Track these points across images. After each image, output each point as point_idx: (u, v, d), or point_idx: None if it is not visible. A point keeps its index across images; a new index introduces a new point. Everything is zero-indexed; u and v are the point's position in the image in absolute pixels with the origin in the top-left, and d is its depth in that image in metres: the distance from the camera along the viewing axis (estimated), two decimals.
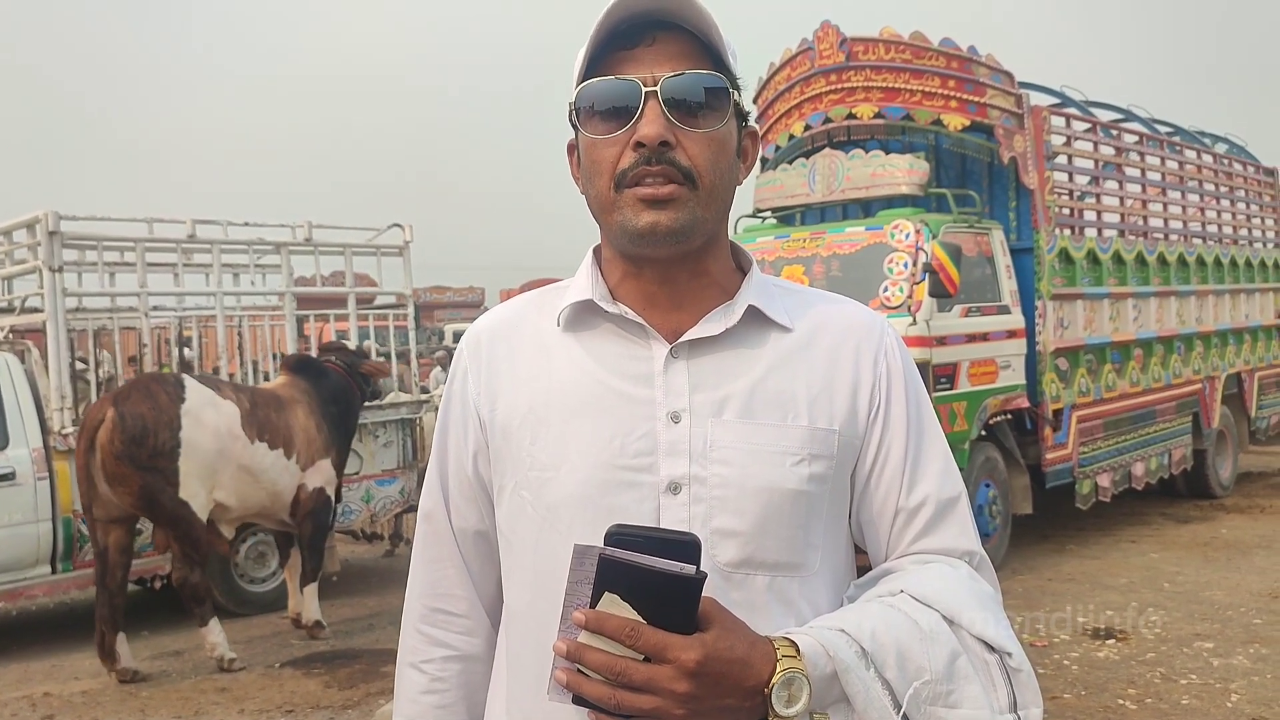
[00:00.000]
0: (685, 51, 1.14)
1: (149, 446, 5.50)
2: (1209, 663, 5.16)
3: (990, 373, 7.07)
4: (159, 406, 5.59)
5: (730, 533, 1.14)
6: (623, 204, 1.14)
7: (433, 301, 29.55)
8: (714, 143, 1.15)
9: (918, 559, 1.21)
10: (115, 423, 5.48)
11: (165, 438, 5.55)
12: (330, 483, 6.43)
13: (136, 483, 5.49)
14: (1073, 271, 7.82)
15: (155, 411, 5.56)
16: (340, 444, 6.58)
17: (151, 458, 5.51)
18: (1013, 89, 7.42)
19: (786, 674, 1.01)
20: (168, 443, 5.55)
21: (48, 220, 6.38)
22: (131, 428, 5.48)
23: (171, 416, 5.60)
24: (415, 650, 1.33)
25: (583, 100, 1.16)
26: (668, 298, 1.20)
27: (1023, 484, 7.48)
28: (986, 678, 1.10)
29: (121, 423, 5.48)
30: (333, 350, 7.07)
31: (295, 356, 6.87)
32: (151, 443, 5.51)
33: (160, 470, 5.53)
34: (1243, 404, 10.15)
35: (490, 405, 1.24)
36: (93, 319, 8.32)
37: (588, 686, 1.00)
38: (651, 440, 1.16)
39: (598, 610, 0.99)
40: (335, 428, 6.48)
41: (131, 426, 5.49)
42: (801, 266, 7.14)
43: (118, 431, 5.46)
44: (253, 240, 7.77)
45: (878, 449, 1.22)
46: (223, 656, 5.70)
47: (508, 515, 1.23)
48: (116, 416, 5.49)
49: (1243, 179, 10.50)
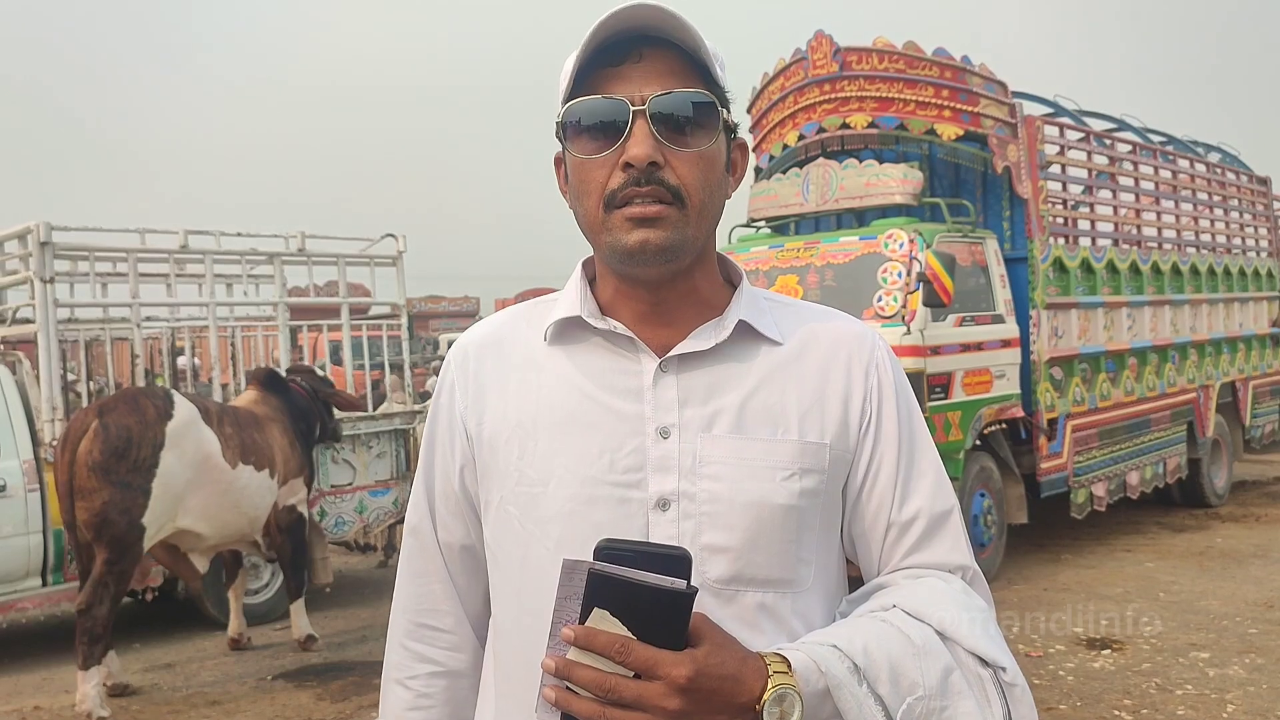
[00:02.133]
0: (673, 68, 1.13)
1: (129, 460, 5.28)
2: (1205, 673, 5.14)
3: (985, 382, 7.07)
4: (145, 420, 5.39)
5: (720, 549, 1.13)
6: (612, 224, 1.13)
7: (427, 311, 29.59)
8: (703, 161, 1.14)
9: (910, 574, 1.20)
10: (98, 432, 5.26)
11: (146, 454, 5.33)
12: (302, 501, 6.38)
13: (101, 499, 5.20)
14: (1067, 281, 7.83)
15: (141, 425, 5.36)
16: (310, 461, 6.53)
17: (128, 472, 5.27)
18: (1006, 99, 7.44)
19: (778, 690, 1.00)
20: (147, 460, 5.33)
21: (39, 231, 6.36)
22: (115, 439, 5.27)
23: (157, 432, 5.40)
24: (400, 666, 1.31)
25: (570, 118, 1.15)
26: (658, 314, 1.19)
27: (1018, 493, 7.47)
28: (980, 693, 1.09)
29: (104, 433, 5.27)
30: (299, 372, 6.96)
31: (264, 371, 6.74)
32: (133, 456, 5.29)
33: (132, 487, 5.27)
34: (1237, 413, 10.17)
35: (477, 419, 1.23)
36: (85, 330, 8.30)
37: (577, 704, 0.98)
38: (640, 455, 1.14)
39: (587, 626, 0.97)
40: (305, 445, 6.43)
41: (115, 438, 5.27)
42: (796, 276, 7.14)
43: (99, 441, 5.24)
44: (246, 251, 7.75)
45: (869, 463, 1.21)
46: (90, 713, 4.99)
47: (495, 530, 1.22)
48: (100, 427, 5.29)
49: (1236, 188, 10.53)
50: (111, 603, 5.21)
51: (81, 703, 5.05)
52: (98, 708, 5.04)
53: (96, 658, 5.12)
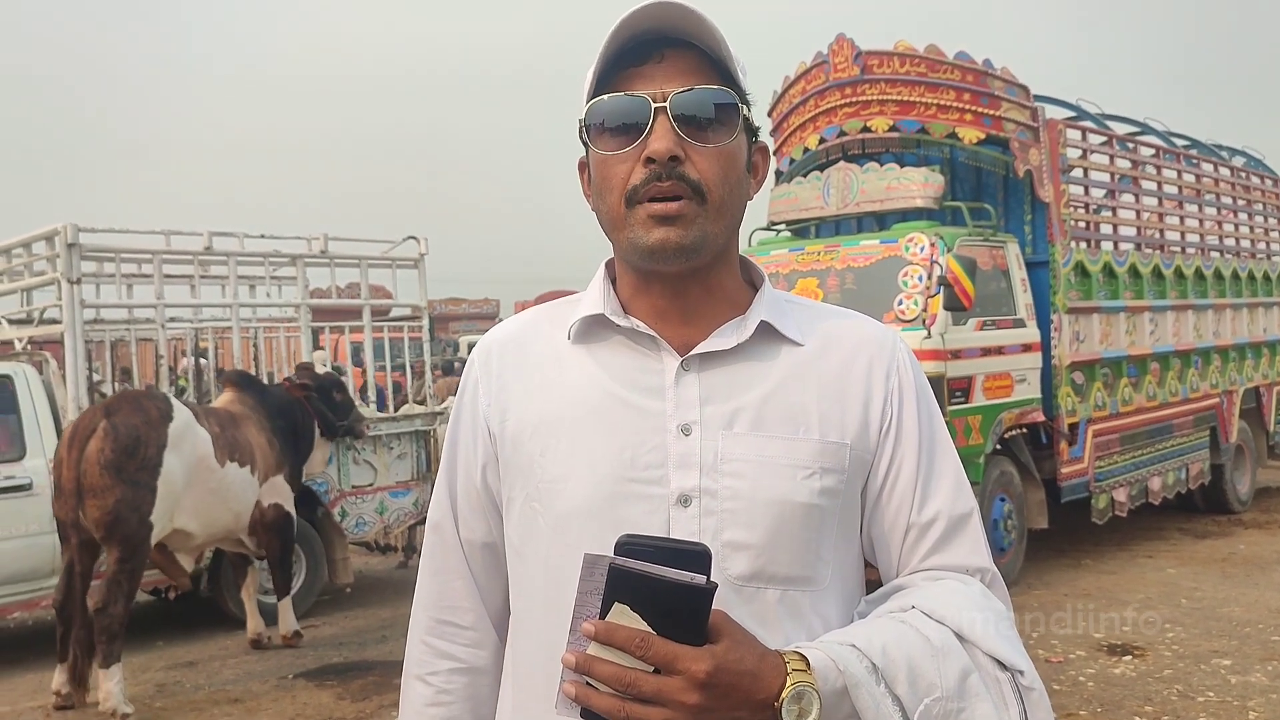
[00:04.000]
0: (694, 68, 1.15)
1: (138, 459, 5.34)
2: (1227, 680, 5.11)
3: (1005, 386, 7.04)
4: (150, 420, 5.47)
5: (741, 546, 1.14)
6: (633, 220, 1.14)
7: (448, 313, 29.69)
8: (723, 157, 1.15)
9: (929, 575, 1.20)
10: (108, 431, 5.32)
11: (153, 453, 5.41)
12: (287, 499, 6.39)
13: (114, 496, 5.26)
14: (1088, 285, 7.79)
15: (147, 425, 5.43)
16: (292, 460, 6.49)
17: (138, 471, 5.33)
18: (1028, 102, 7.41)
19: (797, 688, 1.01)
20: (154, 459, 5.40)
21: (66, 232, 6.43)
22: (125, 438, 5.33)
23: (161, 433, 5.48)
24: (421, 662, 1.32)
25: (593, 117, 1.17)
26: (679, 312, 1.20)
27: (1038, 498, 7.44)
28: (998, 695, 1.09)
29: (114, 432, 5.32)
30: (302, 371, 7.01)
31: (236, 372, 6.78)
32: (141, 455, 5.36)
33: (141, 485, 5.34)
34: (1261, 418, 10.08)
35: (500, 417, 1.24)
36: (110, 330, 8.38)
37: (596, 699, 0.99)
38: (662, 452, 1.15)
39: (607, 621, 0.98)
40: (285, 442, 6.43)
41: (125, 437, 5.33)
42: (816, 279, 7.13)
43: (109, 440, 5.29)
44: (268, 252, 7.82)
45: (889, 464, 1.22)
46: (115, 710, 5.09)
47: (517, 527, 1.23)
48: (109, 426, 5.34)
49: (1260, 192, 10.44)
50: (125, 600, 5.27)
51: (105, 700, 5.12)
52: (121, 704, 5.10)
53: (116, 655, 5.17)
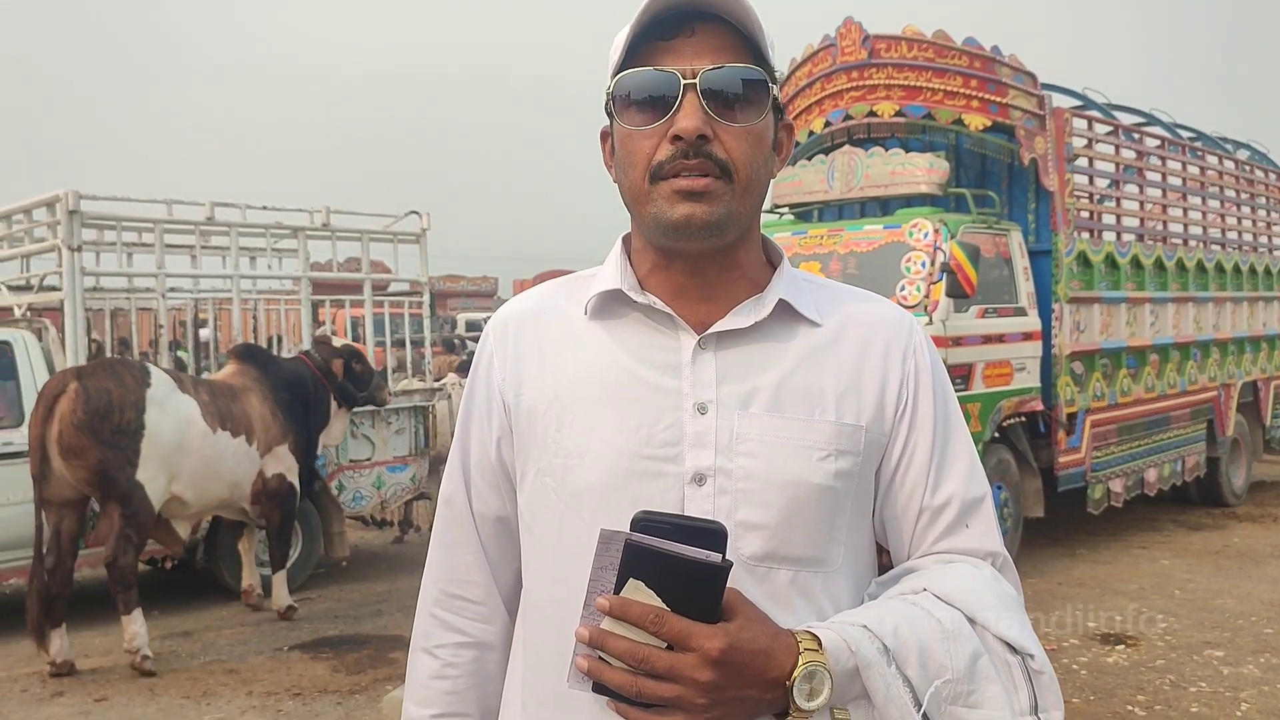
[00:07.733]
0: (725, 44, 1.13)
1: (112, 422, 5.37)
2: (1219, 671, 5.13)
3: (1005, 374, 7.04)
4: (125, 387, 5.49)
5: (755, 525, 1.13)
6: (657, 196, 1.13)
7: (447, 290, 29.63)
8: (751, 136, 1.14)
9: (941, 558, 1.20)
10: (79, 393, 5.34)
11: (130, 417, 5.44)
12: (291, 470, 6.40)
13: (95, 456, 5.33)
14: (1090, 275, 7.78)
15: (121, 390, 5.46)
16: (298, 430, 6.49)
17: (114, 434, 5.37)
18: (1035, 90, 7.38)
19: (809, 667, 1.01)
20: (132, 423, 5.44)
21: (68, 199, 6.41)
22: (96, 401, 5.35)
23: (138, 398, 5.50)
24: (428, 635, 1.32)
25: (620, 90, 1.15)
26: (696, 289, 1.19)
27: (1035, 487, 7.46)
28: (1008, 679, 1.10)
29: (85, 394, 5.34)
30: (318, 344, 7.01)
31: (242, 345, 6.82)
32: (116, 419, 5.39)
33: (121, 448, 5.40)
34: (1258, 412, 10.10)
35: (516, 390, 1.23)
36: (110, 299, 8.36)
37: (609, 674, 0.99)
38: (677, 430, 1.15)
39: (622, 596, 0.98)
40: (290, 414, 6.43)
41: (96, 400, 5.35)
42: (818, 264, 7.12)
43: (80, 402, 5.32)
44: (270, 224, 7.79)
45: (904, 447, 1.21)
46: (139, 650, 5.36)
47: (530, 502, 1.22)
48: (80, 389, 5.36)
49: (1264, 185, 10.43)
50: (135, 551, 5.49)
51: (131, 640, 5.38)
52: (145, 646, 5.40)
53: (134, 601, 5.39)
